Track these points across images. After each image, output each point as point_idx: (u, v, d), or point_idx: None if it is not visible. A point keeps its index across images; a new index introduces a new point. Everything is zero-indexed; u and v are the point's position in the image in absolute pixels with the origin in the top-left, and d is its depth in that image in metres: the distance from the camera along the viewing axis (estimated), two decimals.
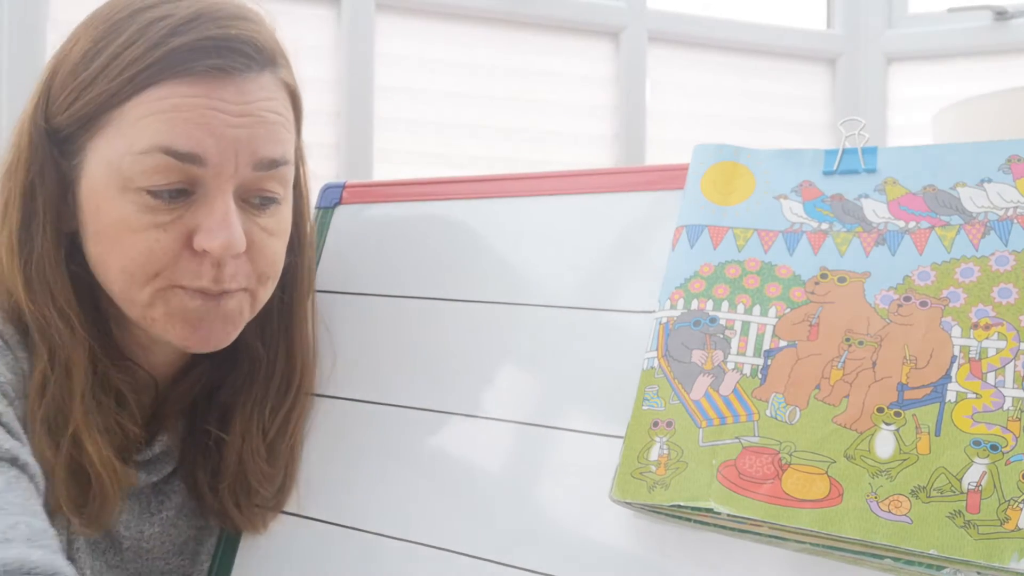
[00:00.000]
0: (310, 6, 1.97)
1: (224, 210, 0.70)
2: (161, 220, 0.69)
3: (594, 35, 2.16)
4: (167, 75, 0.68)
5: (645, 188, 0.79)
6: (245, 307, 0.75)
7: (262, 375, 0.83)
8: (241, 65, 0.70)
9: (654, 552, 0.67)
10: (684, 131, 2.20)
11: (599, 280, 0.77)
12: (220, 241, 0.69)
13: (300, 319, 0.84)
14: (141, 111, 0.68)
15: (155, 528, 0.81)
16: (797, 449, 0.62)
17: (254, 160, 0.71)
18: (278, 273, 0.78)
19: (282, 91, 0.74)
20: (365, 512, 0.80)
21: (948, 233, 0.66)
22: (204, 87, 0.68)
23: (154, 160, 0.68)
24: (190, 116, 0.68)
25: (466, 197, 0.86)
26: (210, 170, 0.69)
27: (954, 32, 2.23)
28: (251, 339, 0.82)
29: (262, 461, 0.81)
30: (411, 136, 2.02)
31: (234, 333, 0.76)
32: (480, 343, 0.80)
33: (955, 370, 0.61)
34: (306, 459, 0.84)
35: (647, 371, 0.69)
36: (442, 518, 0.76)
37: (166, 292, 0.71)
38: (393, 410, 0.82)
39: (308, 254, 0.85)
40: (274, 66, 0.74)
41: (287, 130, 0.74)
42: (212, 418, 0.83)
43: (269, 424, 0.82)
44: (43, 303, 0.71)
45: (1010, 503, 0.56)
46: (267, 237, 0.74)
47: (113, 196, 0.70)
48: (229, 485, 0.81)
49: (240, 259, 0.72)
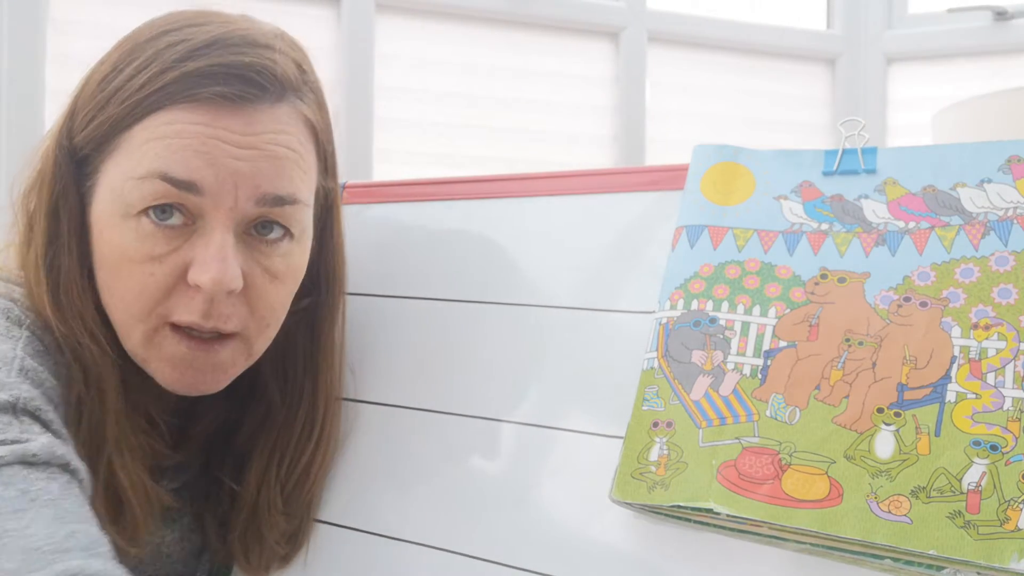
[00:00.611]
0: (310, 7, 1.97)
1: (220, 244, 0.67)
2: (158, 252, 0.67)
3: (594, 35, 2.16)
4: (174, 101, 0.66)
5: (645, 188, 0.79)
6: (239, 357, 0.72)
7: (280, 422, 0.79)
8: (251, 95, 0.67)
9: (654, 552, 0.67)
10: (684, 131, 2.20)
11: (599, 280, 0.77)
12: (211, 275, 0.66)
13: (327, 366, 0.80)
14: (146, 135, 0.67)
15: (175, 534, 0.80)
16: (797, 449, 0.62)
17: (256, 195, 0.68)
18: (279, 321, 0.74)
19: (299, 125, 0.71)
20: (364, 512, 0.80)
21: (948, 233, 0.66)
22: (209, 115, 0.66)
23: (152, 187, 0.66)
24: (190, 143, 0.66)
25: (466, 197, 0.86)
26: (208, 201, 0.67)
27: (954, 32, 2.23)
28: (270, 380, 0.79)
29: (277, 513, 0.78)
30: (411, 136, 2.02)
31: (225, 380, 0.72)
32: (480, 343, 0.80)
33: (955, 370, 0.61)
34: None
35: (647, 371, 0.69)
36: (440, 518, 0.76)
37: (159, 334, 0.69)
38: (392, 410, 0.82)
39: (338, 299, 0.81)
40: (294, 98, 0.70)
41: (300, 168, 0.70)
42: (227, 466, 0.80)
43: (287, 476, 0.79)
44: (74, 327, 0.69)
45: (1010, 503, 0.56)
46: (269, 281, 0.71)
47: (116, 223, 0.68)
48: (239, 536, 0.79)
49: (236, 300, 0.69)
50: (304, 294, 0.78)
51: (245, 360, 0.73)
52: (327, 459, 0.81)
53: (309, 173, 0.72)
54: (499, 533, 0.73)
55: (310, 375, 0.79)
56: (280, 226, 0.70)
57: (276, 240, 0.70)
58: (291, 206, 0.70)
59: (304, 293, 0.77)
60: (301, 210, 0.71)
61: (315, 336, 0.80)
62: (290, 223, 0.71)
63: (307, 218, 0.73)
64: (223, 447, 0.81)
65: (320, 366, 0.80)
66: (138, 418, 0.73)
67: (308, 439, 0.79)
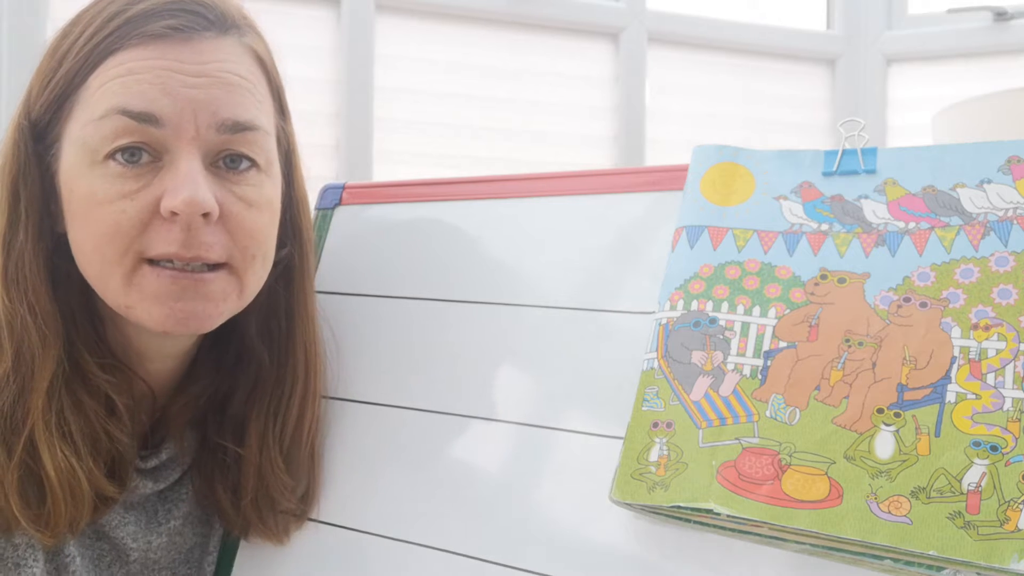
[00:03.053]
0: (310, 7, 1.97)
1: (188, 170, 0.67)
2: (128, 189, 0.67)
3: (594, 36, 2.17)
4: (124, 42, 0.68)
5: (645, 189, 0.79)
6: (231, 289, 0.71)
7: (271, 382, 0.80)
8: (199, 25, 0.69)
9: (654, 553, 0.67)
10: (684, 132, 2.20)
11: (599, 281, 0.77)
12: (183, 196, 0.66)
13: (305, 318, 0.81)
14: (101, 80, 0.68)
15: (163, 538, 0.79)
16: (797, 450, 0.62)
17: (216, 121, 0.69)
18: (266, 252, 0.74)
19: (248, 57, 0.73)
20: (362, 513, 0.80)
21: (948, 234, 0.66)
22: (160, 49, 0.68)
23: (112, 123, 0.67)
24: (145, 77, 0.67)
25: (466, 198, 0.86)
26: (169, 131, 0.68)
27: (954, 33, 2.23)
28: (255, 344, 0.80)
29: (282, 472, 0.79)
30: (411, 137, 2.02)
31: (217, 317, 0.71)
32: (480, 344, 0.80)
33: (955, 371, 0.61)
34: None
35: (647, 372, 0.69)
36: (438, 519, 0.76)
37: (137, 273, 0.68)
38: (392, 411, 0.82)
39: (307, 248, 0.82)
40: (239, 32, 0.72)
41: (254, 96, 0.72)
42: (226, 432, 0.80)
43: (284, 434, 0.79)
44: (16, 300, 0.69)
45: (1010, 504, 0.56)
46: (245, 207, 0.71)
47: (83, 173, 0.69)
48: (252, 500, 0.79)
49: (216, 228, 0.69)
50: (280, 244, 0.78)
51: (237, 296, 0.72)
52: (316, 415, 0.81)
53: (264, 103, 0.73)
54: (498, 533, 0.73)
55: (292, 332, 0.80)
56: (247, 158, 0.71)
57: (245, 171, 0.71)
58: (252, 132, 0.71)
59: (280, 243, 0.78)
60: (263, 137, 0.72)
61: (292, 290, 0.80)
62: (255, 152, 0.71)
63: (271, 149, 0.74)
64: (219, 416, 0.81)
65: (300, 322, 0.80)
66: (93, 403, 0.71)
67: (296, 393, 0.80)
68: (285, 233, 0.79)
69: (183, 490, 0.81)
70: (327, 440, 0.84)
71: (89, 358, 0.72)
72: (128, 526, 0.77)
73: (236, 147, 0.70)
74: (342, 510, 0.81)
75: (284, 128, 0.78)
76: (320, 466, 0.82)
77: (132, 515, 0.77)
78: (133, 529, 0.77)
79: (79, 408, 0.71)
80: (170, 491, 0.80)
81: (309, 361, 0.81)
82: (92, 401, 0.72)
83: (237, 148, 0.70)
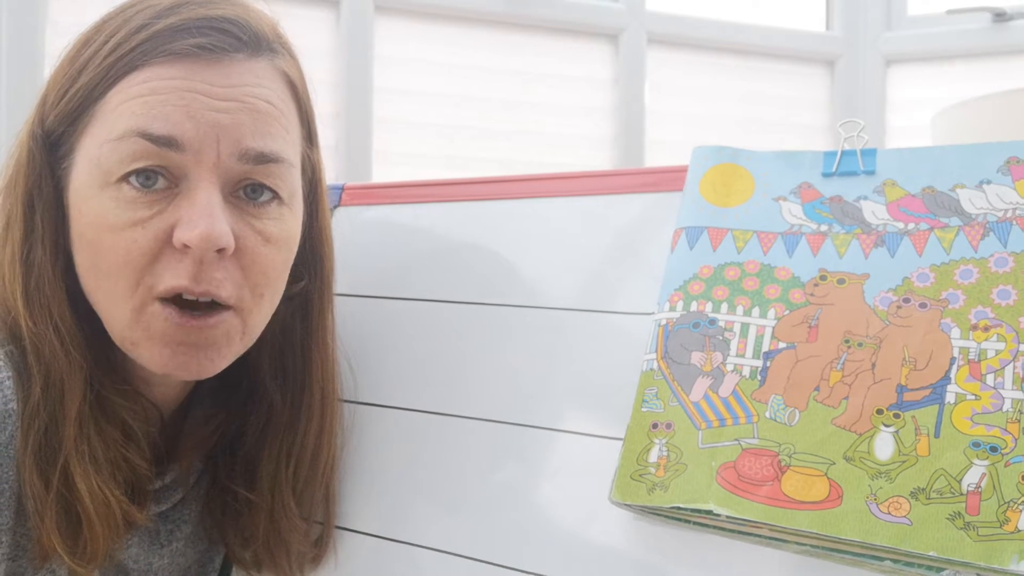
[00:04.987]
0: (309, 8, 1.97)
1: (206, 200, 0.63)
2: (140, 216, 0.63)
3: (593, 37, 2.17)
4: (148, 58, 0.64)
5: (644, 190, 0.79)
6: (235, 333, 0.67)
7: (284, 421, 0.76)
8: (229, 46, 0.65)
9: (654, 554, 0.66)
10: (683, 133, 2.20)
11: (598, 282, 0.77)
12: (199, 230, 0.62)
13: (322, 354, 0.77)
14: (121, 97, 0.64)
15: (164, 560, 0.76)
16: (796, 451, 0.62)
17: (239, 149, 0.65)
18: (275, 290, 0.70)
19: (279, 82, 0.68)
20: (362, 513, 0.80)
21: (947, 235, 0.66)
22: (185, 69, 0.64)
23: (130, 146, 0.63)
24: (168, 98, 0.63)
25: (465, 199, 0.86)
26: (190, 157, 0.63)
27: (953, 34, 2.23)
28: (267, 383, 0.76)
29: (294, 516, 0.76)
30: (410, 138, 2.02)
31: (220, 362, 0.68)
32: (479, 345, 0.80)
33: (954, 372, 0.61)
34: None
35: (646, 373, 0.69)
36: (439, 520, 0.76)
37: (146, 311, 0.65)
38: (391, 412, 0.82)
39: (327, 281, 0.77)
40: (271, 53, 0.68)
41: (281, 125, 0.68)
42: (237, 475, 0.77)
43: (297, 475, 0.76)
44: (41, 322, 0.65)
45: (1010, 504, 0.56)
46: (262, 243, 0.67)
47: (95, 194, 0.65)
48: (263, 544, 0.76)
49: (229, 263, 0.65)
50: (297, 278, 0.75)
51: (240, 339, 0.68)
52: (332, 454, 0.78)
53: (292, 132, 0.69)
54: (498, 534, 0.73)
55: (308, 368, 0.77)
56: (268, 189, 0.67)
57: (266, 203, 0.68)
58: (276, 164, 0.67)
59: (296, 277, 0.75)
60: (287, 170, 0.68)
61: (309, 325, 0.77)
62: (277, 185, 0.68)
63: (295, 181, 0.70)
64: (230, 458, 0.78)
65: (317, 358, 0.77)
66: (112, 429, 0.68)
67: (311, 432, 0.77)
68: (304, 265, 0.76)
69: (186, 511, 0.78)
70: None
71: (107, 383, 0.69)
72: (131, 548, 0.74)
73: (258, 178, 0.66)
74: (342, 511, 0.81)
75: (311, 156, 0.74)
76: (336, 506, 0.79)
77: (135, 537, 0.74)
78: (136, 551, 0.75)
79: (102, 434, 0.68)
80: (172, 512, 0.77)
81: (326, 398, 0.77)
82: (111, 427, 0.68)
83: (259, 179, 0.67)
